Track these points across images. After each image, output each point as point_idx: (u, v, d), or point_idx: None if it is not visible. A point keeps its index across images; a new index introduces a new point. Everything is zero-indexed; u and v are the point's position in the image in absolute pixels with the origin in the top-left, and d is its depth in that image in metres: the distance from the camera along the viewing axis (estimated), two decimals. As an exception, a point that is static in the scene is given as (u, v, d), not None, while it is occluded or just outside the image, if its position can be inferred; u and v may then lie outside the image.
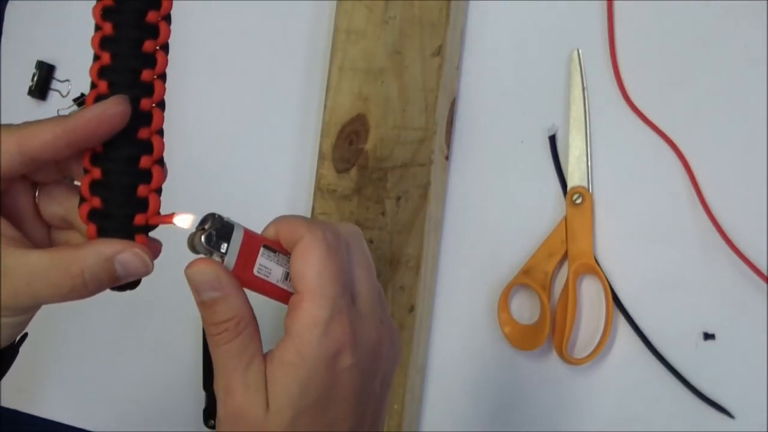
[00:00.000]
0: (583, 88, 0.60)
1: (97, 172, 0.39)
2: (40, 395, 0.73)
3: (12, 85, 0.75)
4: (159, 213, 0.40)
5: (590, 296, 0.59)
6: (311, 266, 0.38)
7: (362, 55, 0.62)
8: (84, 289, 0.38)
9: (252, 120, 0.69)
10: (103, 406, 0.72)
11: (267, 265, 0.39)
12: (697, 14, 0.59)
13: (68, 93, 0.73)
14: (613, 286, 0.58)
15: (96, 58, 0.38)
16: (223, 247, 0.38)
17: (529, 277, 0.59)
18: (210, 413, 0.66)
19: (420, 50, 0.61)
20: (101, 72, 0.38)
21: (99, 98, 0.38)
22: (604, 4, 0.60)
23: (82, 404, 0.72)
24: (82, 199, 0.39)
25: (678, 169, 0.58)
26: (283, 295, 0.39)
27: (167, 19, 0.39)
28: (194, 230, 0.38)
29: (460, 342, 0.62)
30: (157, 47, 0.39)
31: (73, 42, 0.73)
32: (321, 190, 0.62)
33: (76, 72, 0.73)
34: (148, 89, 0.38)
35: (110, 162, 0.38)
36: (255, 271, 0.39)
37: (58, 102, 0.73)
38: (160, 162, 0.40)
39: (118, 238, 0.38)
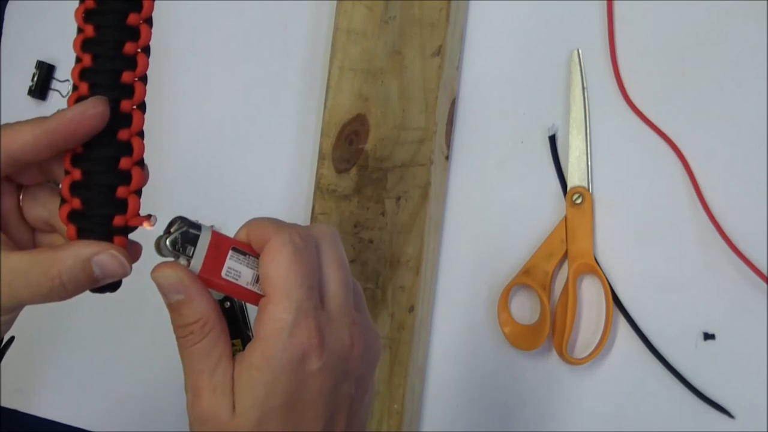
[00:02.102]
0: (583, 88, 0.60)
1: (77, 173, 0.39)
2: (39, 395, 0.73)
3: (12, 85, 0.75)
4: (139, 215, 0.39)
5: (590, 296, 0.59)
6: (277, 268, 0.38)
7: (362, 55, 0.62)
8: (63, 290, 0.38)
9: (252, 120, 0.69)
10: (101, 406, 0.72)
11: (236, 268, 0.39)
12: (697, 14, 0.59)
13: (68, 93, 0.73)
14: (613, 286, 0.58)
15: (77, 60, 0.39)
16: (190, 250, 0.38)
17: (529, 277, 0.59)
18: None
19: (420, 50, 0.61)
20: (82, 74, 0.38)
21: (80, 100, 0.38)
22: (604, 4, 0.60)
23: (81, 404, 0.72)
24: (63, 201, 0.39)
25: (678, 169, 0.58)
26: (253, 298, 0.39)
27: (149, 21, 0.39)
28: (161, 233, 0.38)
29: (460, 342, 0.62)
30: (138, 49, 0.39)
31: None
32: (321, 190, 0.62)
33: (76, 72, 0.73)
34: (129, 91, 0.39)
35: (90, 163, 0.39)
36: (223, 273, 0.39)
37: (58, 102, 0.73)
38: (140, 164, 0.40)
39: (97, 239, 0.38)
